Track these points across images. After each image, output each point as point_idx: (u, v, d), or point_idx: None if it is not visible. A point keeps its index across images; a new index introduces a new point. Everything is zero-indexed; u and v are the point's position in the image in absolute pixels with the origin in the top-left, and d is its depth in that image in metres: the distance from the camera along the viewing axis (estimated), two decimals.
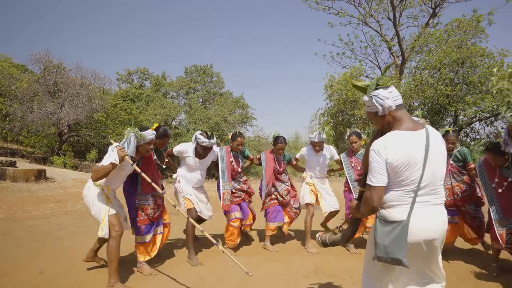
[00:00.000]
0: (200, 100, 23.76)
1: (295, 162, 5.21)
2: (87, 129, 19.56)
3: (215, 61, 69.79)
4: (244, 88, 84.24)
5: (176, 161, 4.86)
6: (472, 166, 4.07)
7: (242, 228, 4.75)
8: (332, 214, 5.01)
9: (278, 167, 4.82)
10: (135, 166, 3.31)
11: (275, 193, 4.81)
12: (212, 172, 8.52)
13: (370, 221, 4.38)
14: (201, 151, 4.18)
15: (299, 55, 76.76)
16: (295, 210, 4.99)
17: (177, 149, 4.31)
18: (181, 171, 4.34)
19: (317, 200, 4.92)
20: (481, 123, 17.35)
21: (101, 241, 3.61)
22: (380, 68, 22.36)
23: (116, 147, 3.09)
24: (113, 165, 3.04)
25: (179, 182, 4.27)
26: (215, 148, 4.43)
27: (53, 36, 72.11)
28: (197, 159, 4.23)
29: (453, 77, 15.58)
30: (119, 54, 72.77)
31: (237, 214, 4.45)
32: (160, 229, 3.89)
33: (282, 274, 3.78)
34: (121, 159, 3.07)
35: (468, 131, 17.64)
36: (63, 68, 17.70)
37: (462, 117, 16.87)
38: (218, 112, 19.94)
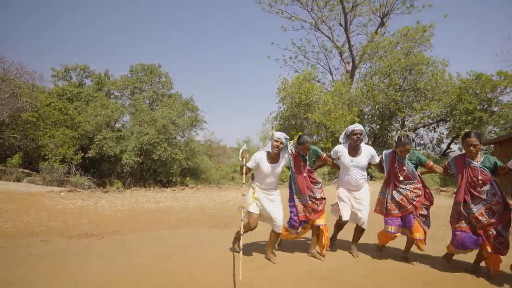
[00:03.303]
0: (147, 101, 22.16)
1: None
2: (12, 130, 17.09)
3: (164, 61, 67.08)
4: (194, 90, 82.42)
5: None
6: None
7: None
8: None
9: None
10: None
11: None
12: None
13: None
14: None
15: (251, 58, 76.70)
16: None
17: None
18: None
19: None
20: (425, 129, 18.09)
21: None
22: (331, 73, 22.60)
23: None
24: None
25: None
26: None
27: None
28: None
29: (402, 83, 15.98)
30: (55, 48, 66.59)
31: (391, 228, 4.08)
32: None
33: None
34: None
35: (413, 136, 18.25)
36: None
37: (409, 122, 17.43)
38: (166, 114, 18.62)
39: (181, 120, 21.26)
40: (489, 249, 3.47)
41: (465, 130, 14.10)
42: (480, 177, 3.49)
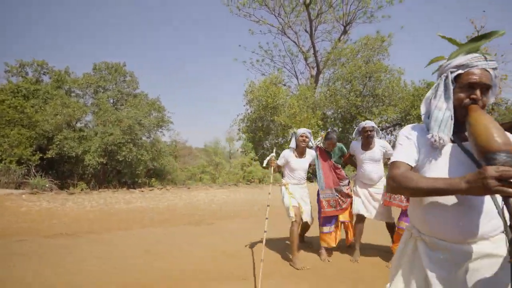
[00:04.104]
0: (111, 101, 21.57)
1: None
2: None
3: (129, 60, 64.90)
4: (160, 90, 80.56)
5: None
6: None
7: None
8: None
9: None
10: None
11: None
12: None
13: None
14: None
15: (219, 60, 76.48)
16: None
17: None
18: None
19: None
20: (383, 132, 19.34)
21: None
22: (297, 77, 23.38)
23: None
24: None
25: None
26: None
27: None
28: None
29: (362, 89, 17.02)
30: (8, 42, 62.20)
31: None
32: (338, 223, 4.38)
33: None
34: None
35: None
36: None
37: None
38: (132, 115, 18.29)
39: (147, 121, 20.94)
40: None
41: None
42: None
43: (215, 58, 74.59)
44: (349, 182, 4.56)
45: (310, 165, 4.50)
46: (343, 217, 4.41)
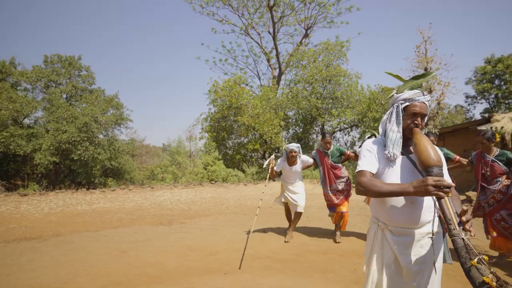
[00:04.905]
0: (64, 96, 20.35)
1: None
2: None
3: (85, 54, 61.07)
4: (119, 87, 76.91)
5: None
6: None
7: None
8: None
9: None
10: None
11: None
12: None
13: None
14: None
15: (181, 58, 74.51)
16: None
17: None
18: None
19: None
20: (341, 133, 20.30)
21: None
22: (259, 77, 23.72)
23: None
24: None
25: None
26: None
27: None
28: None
29: (323, 91, 17.74)
30: None
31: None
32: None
33: None
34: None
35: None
36: None
37: (328, 127, 19.38)
38: (88, 112, 17.43)
39: (104, 118, 20.06)
40: (494, 234, 3.83)
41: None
42: (489, 169, 3.84)
43: (177, 55, 72.90)
44: (347, 179, 5.21)
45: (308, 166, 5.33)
46: (342, 208, 5.12)
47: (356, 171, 1.74)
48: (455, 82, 53.98)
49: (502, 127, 8.67)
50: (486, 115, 21.82)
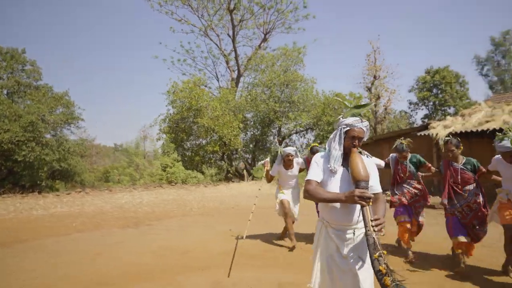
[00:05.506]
0: (5, 92, 18.87)
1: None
2: None
3: (33, 48, 56.09)
4: (71, 84, 71.84)
5: None
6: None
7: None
8: None
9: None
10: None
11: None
12: None
13: None
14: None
15: (137, 56, 71.34)
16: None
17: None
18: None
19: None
20: (297, 135, 21.18)
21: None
22: (218, 79, 23.86)
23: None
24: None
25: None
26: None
27: None
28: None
29: (280, 95, 18.42)
30: None
31: (401, 217, 4.45)
32: None
33: None
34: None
35: (287, 141, 21.09)
36: None
37: (284, 129, 20.16)
38: (34, 110, 16.36)
39: (53, 117, 18.90)
40: (464, 239, 3.82)
41: (328, 137, 17.38)
42: (460, 177, 3.86)
43: (133, 53, 69.91)
44: None
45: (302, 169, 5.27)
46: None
47: (305, 179, 2.11)
48: (400, 89, 58.69)
49: (437, 134, 9.82)
50: (426, 120, 24.20)
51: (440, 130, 9.91)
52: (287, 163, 5.05)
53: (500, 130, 8.48)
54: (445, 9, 64.10)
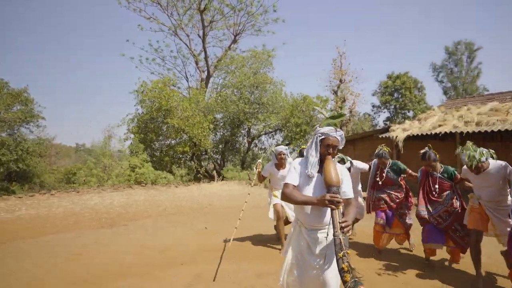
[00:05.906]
0: None
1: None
2: None
3: None
4: (30, 80, 67.43)
5: None
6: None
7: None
8: None
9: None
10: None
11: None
12: None
13: None
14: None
15: (104, 54, 68.44)
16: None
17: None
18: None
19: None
20: (266, 136, 21.60)
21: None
22: (187, 79, 23.71)
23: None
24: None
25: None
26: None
27: None
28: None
29: (250, 97, 18.72)
30: None
31: (379, 220, 4.65)
32: None
33: None
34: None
35: (257, 142, 21.45)
36: None
37: (254, 130, 20.49)
38: None
39: (9, 115, 17.92)
40: (451, 244, 4.02)
41: (296, 138, 17.99)
42: (438, 185, 4.03)
43: (100, 51, 67.08)
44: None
45: None
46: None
47: (283, 183, 2.29)
48: (364, 93, 61.39)
49: (396, 136, 10.61)
50: (388, 122, 25.67)
51: (399, 133, 10.71)
52: (279, 162, 4.98)
53: (451, 133, 9.41)
54: (406, 19, 68.01)
